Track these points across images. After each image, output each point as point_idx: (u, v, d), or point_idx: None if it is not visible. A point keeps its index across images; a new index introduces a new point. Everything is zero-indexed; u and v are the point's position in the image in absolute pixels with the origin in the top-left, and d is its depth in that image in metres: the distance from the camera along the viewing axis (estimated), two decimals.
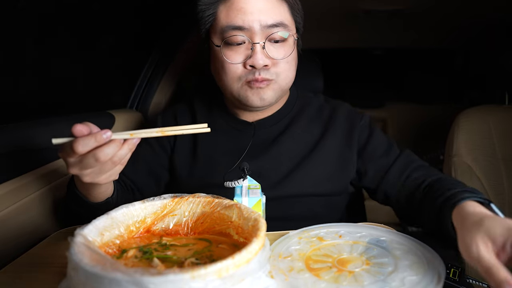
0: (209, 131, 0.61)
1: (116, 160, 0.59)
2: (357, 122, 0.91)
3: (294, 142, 0.89)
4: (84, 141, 0.55)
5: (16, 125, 0.83)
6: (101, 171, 0.60)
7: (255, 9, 0.76)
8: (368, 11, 1.52)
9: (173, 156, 0.93)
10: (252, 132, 0.90)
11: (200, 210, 0.60)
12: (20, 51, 0.86)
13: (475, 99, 2.05)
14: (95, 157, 0.56)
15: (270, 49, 0.79)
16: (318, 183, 0.86)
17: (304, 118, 0.92)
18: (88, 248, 0.44)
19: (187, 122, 0.96)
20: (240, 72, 0.80)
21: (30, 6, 0.80)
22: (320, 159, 0.87)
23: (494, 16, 1.56)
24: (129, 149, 0.59)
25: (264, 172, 0.84)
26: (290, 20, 0.81)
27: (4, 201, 0.75)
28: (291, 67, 0.83)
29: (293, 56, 0.83)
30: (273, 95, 0.82)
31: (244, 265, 0.41)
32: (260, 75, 0.78)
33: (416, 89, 2.48)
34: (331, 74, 1.77)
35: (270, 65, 0.79)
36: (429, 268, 0.49)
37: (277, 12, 0.78)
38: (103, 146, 0.56)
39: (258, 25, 0.76)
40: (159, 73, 1.42)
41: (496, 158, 1.22)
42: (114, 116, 1.16)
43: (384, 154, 0.88)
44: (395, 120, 2.46)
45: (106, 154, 0.56)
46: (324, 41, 2.09)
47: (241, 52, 0.79)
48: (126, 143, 0.59)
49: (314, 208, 0.87)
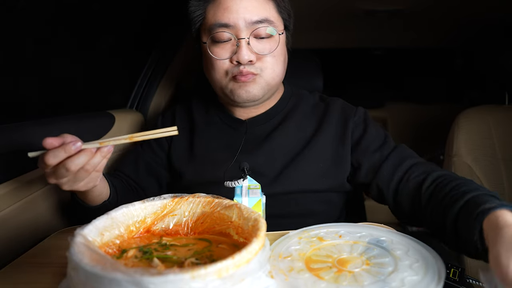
0: (177, 133, 0.62)
1: (88, 168, 0.61)
2: (350, 117, 0.90)
3: (287, 138, 0.89)
4: (54, 153, 0.58)
5: (16, 125, 0.83)
6: (76, 179, 0.63)
7: (240, 7, 0.79)
8: (368, 11, 1.52)
9: (171, 154, 0.95)
10: (249, 129, 0.91)
11: (200, 210, 0.60)
12: (20, 51, 0.86)
13: (475, 99, 2.05)
14: (65, 167, 0.59)
15: (255, 44, 0.81)
16: (313, 180, 0.86)
17: (298, 115, 0.93)
18: (88, 248, 0.44)
19: (185, 121, 0.99)
20: (227, 67, 0.83)
21: (30, 6, 0.80)
22: (313, 155, 0.87)
23: (494, 16, 1.56)
24: (102, 157, 0.62)
25: (258, 168, 0.86)
26: (276, 17, 0.84)
27: (4, 201, 0.75)
28: (277, 62, 0.84)
29: (279, 51, 0.85)
30: (259, 89, 0.84)
31: (244, 265, 0.41)
32: (245, 68, 0.81)
33: (416, 89, 2.48)
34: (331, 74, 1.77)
35: (255, 60, 0.81)
36: (429, 268, 0.49)
37: (262, 9, 0.81)
38: (73, 157, 0.59)
39: (243, 22, 0.79)
40: (159, 73, 1.42)
41: (496, 158, 1.22)
42: (114, 116, 1.16)
43: (378, 148, 0.86)
44: (395, 120, 2.46)
45: (77, 164, 0.59)
46: (324, 41, 2.09)
47: (227, 48, 0.82)
48: (98, 152, 0.61)
49: (310, 205, 0.87)
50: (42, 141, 0.59)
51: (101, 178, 0.73)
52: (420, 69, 2.52)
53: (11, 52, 0.83)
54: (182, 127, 0.97)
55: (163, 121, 1.02)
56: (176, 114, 1.00)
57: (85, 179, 0.64)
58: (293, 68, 0.99)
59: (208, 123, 0.96)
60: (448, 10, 1.52)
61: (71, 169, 0.59)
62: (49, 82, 0.98)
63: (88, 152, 0.60)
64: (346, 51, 2.41)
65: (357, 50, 2.41)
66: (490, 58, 1.67)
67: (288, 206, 0.86)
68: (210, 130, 0.94)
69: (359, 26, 1.78)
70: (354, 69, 2.65)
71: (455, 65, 2.38)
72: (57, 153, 0.58)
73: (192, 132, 0.96)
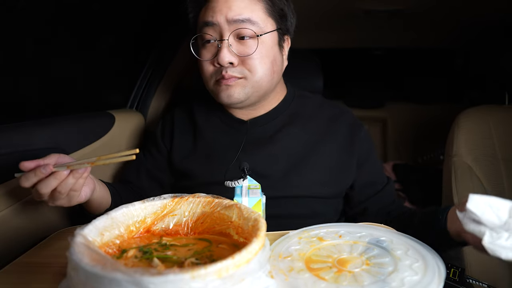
0: (134, 158, 0.59)
1: (61, 190, 0.63)
2: (359, 132, 0.92)
3: (291, 140, 0.89)
4: (27, 176, 0.61)
5: (16, 125, 0.83)
6: (54, 199, 0.65)
7: (224, 6, 0.79)
8: (368, 11, 1.52)
9: (172, 157, 0.95)
10: (250, 129, 0.91)
11: (200, 210, 0.60)
12: (20, 51, 0.86)
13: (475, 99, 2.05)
14: (37, 189, 0.61)
15: (237, 46, 0.81)
16: (315, 186, 0.86)
17: (302, 117, 0.92)
18: (88, 248, 0.44)
19: (186, 123, 0.98)
20: (211, 70, 0.84)
21: (30, 6, 0.80)
22: (318, 161, 0.87)
23: (494, 16, 1.56)
24: (76, 178, 0.63)
25: (259, 170, 0.85)
26: (263, 18, 0.82)
27: (5, 201, 0.75)
28: (262, 65, 0.82)
29: (264, 53, 0.82)
30: (241, 92, 0.82)
31: (244, 265, 0.41)
32: (227, 73, 0.80)
33: (416, 89, 2.48)
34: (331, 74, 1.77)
35: (236, 63, 0.80)
36: (429, 268, 0.49)
37: (247, 9, 0.80)
38: (44, 180, 0.61)
39: (224, 19, 0.79)
40: (159, 73, 1.42)
41: (496, 158, 1.22)
42: (114, 116, 1.16)
43: (371, 184, 0.93)
44: (395, 120, 2.46)
45: (48, 186, 0.61)
46: (324, 41, 2.09)
47: (210, 50, 0.83)
48: (71, 174, 0.62)
49: (311, 208, 0.87)
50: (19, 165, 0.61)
51: (97, 189, 0.75)
52: (420, 69, 2.52)
53: (11, 52, 0.83)
54: (183, 129, 0.97)
55: (163, 125, 1.02)
56: (175, 117, 1.00)
57: (63, 199, 0.65)
58: (293, 68, 0.99)
59: (209, 124, 0.95)
60: (448, 11, 1.52)
61: (43, 192, 0.61)
62: (49, 82, 0.98)
63: (59, 175, 0.61)
64: (346, 51, 2.41)
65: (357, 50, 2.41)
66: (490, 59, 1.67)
67: (289, 209, 0.86)
68: (211, 131, 0.94)
69: (359, 26, 1.78)
70: (354, 69, 2.65)
71: (455, 65, 2.38)
72: (28, 176, 0.61)
73: (194, 134, 0.95)
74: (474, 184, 1.18)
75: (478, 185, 1.18)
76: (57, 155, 0.65)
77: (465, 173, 1.20)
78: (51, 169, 0.61)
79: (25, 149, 0.82)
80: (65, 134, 0.94)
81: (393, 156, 2.45)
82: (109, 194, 0.82)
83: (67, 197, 0.65)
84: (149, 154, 0.99)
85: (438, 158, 2.05)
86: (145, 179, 0.97)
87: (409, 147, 2.41)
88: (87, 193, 0.71)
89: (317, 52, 1.46)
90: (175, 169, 0.95)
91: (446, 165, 1.28)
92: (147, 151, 1.00)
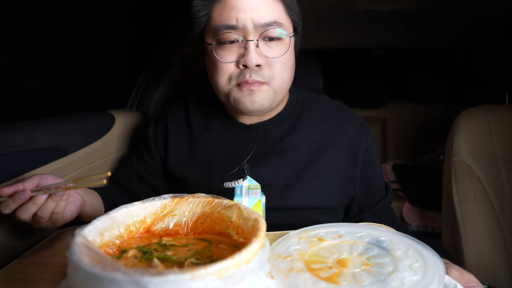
0: (105, 183, 0.57)
1: (41, 214, 0.63)
2: (365, 138, 0.88)
3: (295, 150, 0.85)
4: (5, 203, 0.61)
5: (16, 125, 0.83)
6: (37, 223, 0.65)
7: (248, 7, 0.73)
8: (368, 11, 1.52)
9: (167, 163, 0.91)
10: (255, 135, 0.85)
11: (200, 210, 0.60)
12: (20, 51, 0.86)
13: (475, 99, 2.05)
14: (17, 215, 0.62)
15: (264, 47, 0.75)
16: (318, 197, 0.84)
17: (306, 122, 0.88)
18: (88, 248, 0.44)
19: (181, 127, 0.92)
20: (232, 72, 0.76)
21: (30, 6, 0.80)
22: (321, 171, 0.84)
23: (494, 16, 1.56)
24: (55, 201, 0.63)
25: (262, 180, 0.80)
26: (285, 19, 0.78)
27: None
28: (286, 69, 0.78)
29: (289, 56, 0.78)
30: (265, 98, 0.77)
31: (244, 265, 0.41)
32: (251, 77, 0.74)
33: (416, 89, 2.48)
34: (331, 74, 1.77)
35: (263, 65, 0.75)
36: (429, 268, 0.49)
37: (271, 10, 0.74)
38: (23, 205, 0.61)
39: (251, 23, 0.73)
40: (159, 73, 1.42)
41: (496, 158, 1.22)
42: (114, 116, 1.16)
43: (371, 194, 0.92)
44: (395, 120, 2.46)
45: (27, 212, 0.61)
46: (324, 41, 2.09)
47: (234, 50, 0.75)
48: (50, 198, 0.62)
49: (313, 217, 0.85)
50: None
51: (87, 203, 0.75)
52: (421, 69, 2.52)
53: (11, 52, 0.83)
54: (178, 133, 0.91)
55: (155, 129, 0.95)
56: (168, 120, 0.93)
57: (46, 222, 0.65)
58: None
59: (208, 128, 0.90)
60: (448, 11, 1.52)
61: (23, 218, 0.62)
62: (49, 82, 0.98)
63: (37, 200, 0.61)
64: (346, 51, 2.41)
65: (358, 50, 2.42)
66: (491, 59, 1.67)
67: (290, 218, 0.83)
68: (210, 135, 0.89)
69: (360, 26, 1.78)
70: (354, 69, 2.65)
71: (455, 65, 2.38)
72: (8, 203, 0.61)
73: (190, 138, 0.90)
74: (474, 184, 1.18)
75: (478, 185, 1.18)
76: (39, 176, 0.65)
77: (465, 173, 1.20)
78: (29, 195, 0.61)
79: (25, 149, 0.82)
80: (65, 134, 0.94)
81: (393, 156, 2.46)
82: (102, 203, 0.81)
83: (50, 219, 0.65)
84: (141, 158, 0.95)
85: (438, 158, 2.06)
86: (138, 185, 0.95)
87: (409, 147, 2.42)
88: (73, 212, 0.70)
89: (317, 52, 1.46)
90: (171, 176, 0.91)
91: (446, 165, 1.28)
92: (140, 155, 0.96)
